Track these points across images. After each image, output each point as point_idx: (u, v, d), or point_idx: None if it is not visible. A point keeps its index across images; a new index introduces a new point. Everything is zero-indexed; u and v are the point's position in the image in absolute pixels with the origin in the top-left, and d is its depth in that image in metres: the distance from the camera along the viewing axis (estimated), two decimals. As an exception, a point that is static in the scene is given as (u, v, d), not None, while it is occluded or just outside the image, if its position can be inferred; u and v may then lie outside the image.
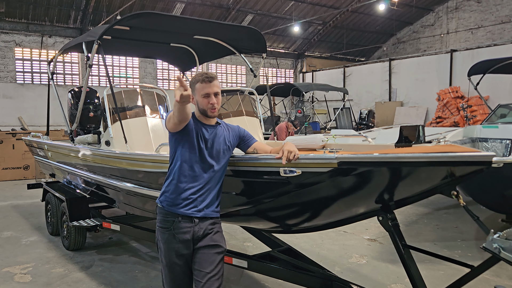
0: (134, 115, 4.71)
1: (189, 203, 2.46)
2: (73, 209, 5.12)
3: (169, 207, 2.49)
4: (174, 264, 2.49)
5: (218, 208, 2.58)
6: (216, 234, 2.53)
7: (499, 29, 20.57)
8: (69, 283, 4.20)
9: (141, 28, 4.51)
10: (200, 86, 2.49)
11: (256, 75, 5.29)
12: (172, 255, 2.48)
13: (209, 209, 2.50)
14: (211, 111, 2.50)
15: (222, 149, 2.55)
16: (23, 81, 16.91)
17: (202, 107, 2.51)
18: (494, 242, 2.20)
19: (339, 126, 15.46)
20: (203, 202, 2.48)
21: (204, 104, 2.49)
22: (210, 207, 2.51)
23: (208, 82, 2.48)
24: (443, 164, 2.01)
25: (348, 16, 22.90)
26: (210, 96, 2.48)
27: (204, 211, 2.48)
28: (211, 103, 2.48)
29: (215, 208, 2.55)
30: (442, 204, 7.43)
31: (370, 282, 4.14)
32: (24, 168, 11.07)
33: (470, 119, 12.63)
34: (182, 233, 2.45)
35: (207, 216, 2.49)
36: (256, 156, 2.58)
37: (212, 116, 2.53)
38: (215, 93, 2.50)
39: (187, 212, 2.45)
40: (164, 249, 2.51)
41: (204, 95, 2.48)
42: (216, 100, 2.50)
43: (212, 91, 2.48)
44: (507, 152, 5.95)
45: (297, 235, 5.29)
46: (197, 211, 2.46)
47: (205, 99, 2.49)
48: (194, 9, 19.15)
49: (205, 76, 2.49)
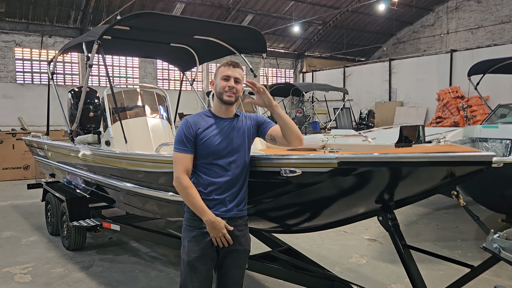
0: (134, 115, 4.72)
1: (216, 203, 2.39)
2: (73, 209, 5.12)
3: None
4: (197, 261, 2.41)
5: (245, 206, 2.50)
6: (244, 237, 2.46)
7: (499, 29, 20.57)
8: (69, 283, 4.20)
9: (141, 28, 4.51)
10: (222, 69, 2.44)
11: (256, 75, 5.29)
12: (196, 252, 2.41)
13: (238, 208, 2.43)
14: (227, 95, 2.39)
15: (242, 142, 2.45)
16: (23, 81, 16.92)
17: (219, 90, 2.42)
18: (494, 242, 2.20)
19: (339, 126, 15.45)
20: (232, 202, 2.41)
21: (222, 87, 2.40)
22: (239, 205, 2.44)
23: (231, 67, 2.42)
24: (443, 164, 2.01)
25: (348, 16, 22.90)
26: (229, 80, 2.40)
27: (233, 211, 2.41)
28: (229, 86, 2.39)
29: (243, 207, 2.47)
30: (442, 204, 7.43)
31: (370, 282, 4.14)
32: (24, 168, 11.07)
33: (470, 119, 12.63)
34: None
35: (236, 216, 2.42)
36: (256, 156, 2.58)
37: (227, 101, 2.41)
38: (235, 79, 2.42)
39: (215, 213, 2.36)
40: (189, 247, 2.43)
41: (224, 77, 2.41)
42: (235, 85, 2.41)
43: (233, 74, 2.41)
44: (507, 152, 5.96)
45: (297, 235, 5.29)
46: (225, 211, 2.39)
47: (224, 82, 2.41)
48: (194, 9, 19.16)
49: (230, 61, 2.45)
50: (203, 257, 2.41)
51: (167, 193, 3.39)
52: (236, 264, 2.47)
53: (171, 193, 3.33)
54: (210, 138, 2.39)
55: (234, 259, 2.46)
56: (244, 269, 2.52)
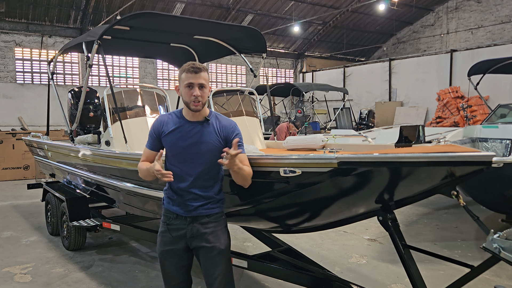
0: (134, 115, 4.71)
1: (180, 202, 2.46)
2: (73, 209, 5.12)
3: (166, 205, 2.54)
4: (162, 256, 2.55)
5: (215, 204, 2.50)
6: (212, 234, 2.47)
7: (499, 29, 20.57)
8: (69, 283, 4.20)
9: (141, 28, 4.51)
10: (184, 76, 2.35)
11: (256, 75, 5.29)
12: (161, 247, 2.53)
13: (204, 207, 2.45)
14: (193, 104, 2.34)
15: (209, 148, 2.40)
16: (23, 81, 16.91)
17: (185, 100, 2.37)
18: (494, 242, 2.20)
19: (339, 126, 15.46)
20: (196, 201, 2.44)
21: (187, 96, 2.35)
22: (207, 205, 2.46)
23: (193, 73, 2.33)
24: (443, 164, 2.01)
25: (348, 16, 22.90)
26: (193, 88, 2.33)
27: (198, 210, 2.44)
28: (194, 95, 2.32)
29: (212, 205, 2.48)
30: (442, 204, 7.43)
31: (370, 282, 4.14)
32: (24, 168, 11.07)
33: (470, 119, 12.62)
34: (175, 229, 2.48)
35: (201, 215, 2.45)
36: (256, 156, 2.58)
37: (195, 110, 2.37)
38: (199, 85, 2.34)
39: (181, 212, 2.46)
40: (157, 242, 2.57)
41: (187, 85, 2.34)
42: (200, 93, 2.33)
43: (196, 81, 2.33)
44: (507, 152, 5.95)
45: (297, 235, 5.29)
46: (187, 211, 2.44)
47: (189, 90, 2.34)
48: (194, 9, 19.15)
49: (191, 66, 2.34)
50: (168, 252, 2.50)
51: (167, 193, 3.38)
52: (208, 262, 2.47)
53: (171, 193, 3.33)
54: (174, 141, 2.43)
55: (205, 257, 2.47)
56: (222, 267, 2.47)
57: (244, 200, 2.91)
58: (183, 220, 2.47)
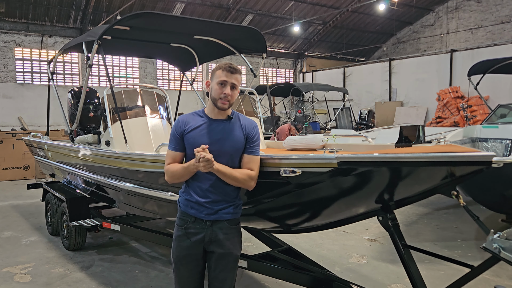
0: (134, 115, 4.72)
1: (199, 205, 2.39)
2: (73, 209, 5.12)
3: (184, 208, 2.46)
4: (179, 261, 2.46)
5: (235, 209, 2.46)
6: (229, 240, 2.43)
7: (499, 29, 20.57)
8: (69, 283, 4.20)
9: (141, 28, 4.51)
10: (220, 73, 2.37)
11: (256, 75, 5.29)
12: (178, 252, 2.45)
13: (224, 211, 2.41)
14: (222, 102, 2.36)
15: (233, 145, 2.40)
16: (23, 81, 16.91)
17: (214, 96, 2.38)
18: (494, 242, 2.20)
19: (339, 126, 15.45)
20: (217, 205, 2.39)
21: (217, 93, 2.36)
22: (227, 209, 2.41)
23: (229, 72, 2.36)
24: (443, 164, 2.01)
25: (348, 16, 22.90)
26: (226, 86, 2.36)
27: (218, 214, 2.39)
28: (225, 93, 2.34)
29: (231, 210, 2.43)
30: (442, 204, 7.43)
31: (370, 282, 4.14)
32: (24, 168, 11.07)
33: (470, 119, 12.62)
34: (194, 234, 2.41)
35: (221, 219, 2.40)
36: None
37: (221, 108, 2.38)
38: (232, 85, 2.37)
39: (199, 215, 2.40)
40: (173, 246, 2.48)
41: (220, 82, 2.36)
42: (231, 93, 2.36)
43: (230, 80, 2.36)
44: (507, 152, 5.95)
45: (297, 235, 5.29)
46: (208, 214, 2.38)
47: (220, 88, 2.36)
48: (194, 9, 19.15)
49: (229, 65, 2.37)
50: (185, 258, 2.44)
51: (167, 193, 3.39)
52: (221, 267, 2.44)
53: (171, 193, 3.34)
54: (197, 138, 2.38)
55: (218, 262, 2.43)
56: (233, 273, 2.48)
57: (244, 200, 2.91)
58: (202, 224, 2.40)
